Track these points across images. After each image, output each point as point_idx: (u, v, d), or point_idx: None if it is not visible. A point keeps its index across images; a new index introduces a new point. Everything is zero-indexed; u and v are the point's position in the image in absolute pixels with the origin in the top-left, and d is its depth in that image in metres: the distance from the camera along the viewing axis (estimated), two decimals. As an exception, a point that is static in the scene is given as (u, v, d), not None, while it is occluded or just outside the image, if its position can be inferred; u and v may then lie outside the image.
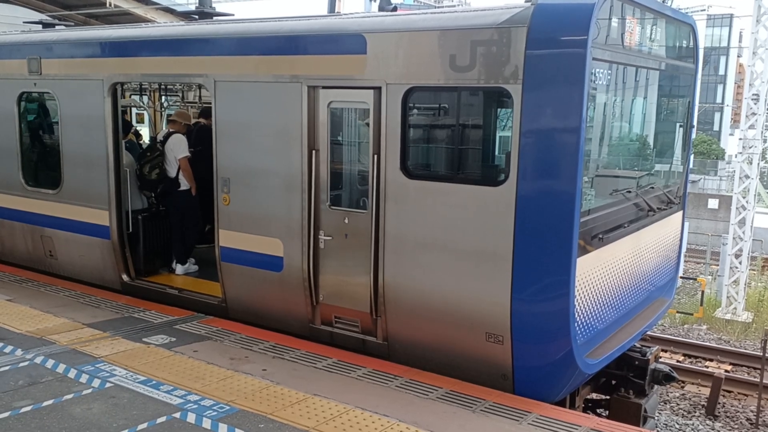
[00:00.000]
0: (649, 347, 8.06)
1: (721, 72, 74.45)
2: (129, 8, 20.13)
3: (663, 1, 7.67)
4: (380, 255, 6.92)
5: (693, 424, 11.15)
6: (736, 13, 65.62)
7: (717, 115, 74.71)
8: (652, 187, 8.17)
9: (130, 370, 6.69)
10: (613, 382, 7.98)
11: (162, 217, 9.81)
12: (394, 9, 7.44)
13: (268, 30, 7.60)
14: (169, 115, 14.16)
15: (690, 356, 14.10)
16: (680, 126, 8.94)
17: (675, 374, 8.09)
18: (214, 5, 10.83)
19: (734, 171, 20.86)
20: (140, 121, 17.08)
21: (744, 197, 19.42)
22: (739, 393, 12.37)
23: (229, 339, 7.63)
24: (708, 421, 11.32)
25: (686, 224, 9.52)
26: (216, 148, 7.99)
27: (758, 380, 11.54)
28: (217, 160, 8.00)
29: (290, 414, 5.82)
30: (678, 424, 11.19)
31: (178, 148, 9.58)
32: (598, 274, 6.70)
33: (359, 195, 7.26)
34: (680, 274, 9.59)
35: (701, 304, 15.40)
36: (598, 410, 8.42)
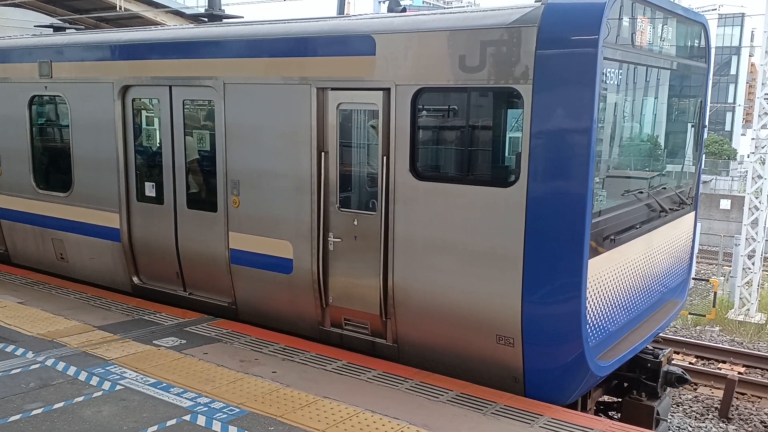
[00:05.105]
0: (662, 349, 7.99)
1: (733, 71, 73.95)
2: (139, 11, 20.25)
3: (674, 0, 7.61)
4: (390, 257, 6.89)
5: (706, 427, 11.06)
6: (747, 12, 65.21)
7: (729, 115, 74.22)
8: (664, 188, 8.11)
9: (140, 372, 6.70)
10: (625, 384, 7.92)
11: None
12: (403, 10, 7.42)
13: (277, 32, 7.60)
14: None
15: (703, 358, 14.01)
16: (692, 126, 8.87)
17: (687, 376, 8.02)
18: (223, 8, 10.85)
19: (746, 171, 20.74)
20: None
21: (757, 197, 19.31)
22: (752, 395, 12.26)
23: (239, 341, 7.63)
24: (721, 424, 11.23)
25: (698, 225, 9.44)
26: (225, 150, 8.00)
27: (772, 382, 11.44)
28: (227, 163, 8.00)
29: (300, 416, 5.81)
30: (691, 426, 11.10)
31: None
32: (610, 275, 6.65)
33: (368, 197, 7.24)
34: (692, 275, 9.51)
35: (714, 306, 15.32)
36: (610, 413, 8.37)
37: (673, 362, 8.53)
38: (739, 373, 12.99)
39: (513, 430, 5.70)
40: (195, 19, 10.18)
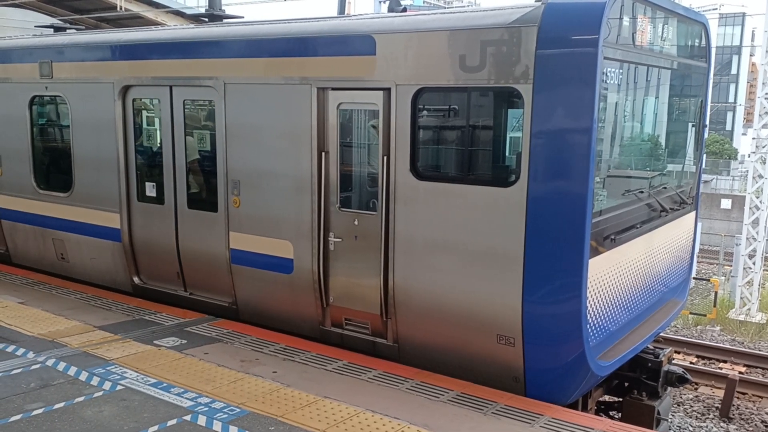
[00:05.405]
0: (662, 349, 7.99)
1: (734, 71, 73.91)
2: (139, 11, 20.26)
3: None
4: (390, 257, 6.89)
5: (707, 427, 11.06)
6: (748, 11, 65.12)
7: (729, 115, 74.18)
8: (665, 188, 8.11)
9: (141, 372, 6.70)
10: (626, 384, 7.92)
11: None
12: (404, 10, 7.42)
13: (278, 32, 7.60)
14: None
15: (703, 358, 14.00)
16: (692, 126, 8.87)
17: (688, 376, 8.02)
18: (223, 8, 10.85)
19: (747, 171, 20.74)
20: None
21: (757, 197, 19.30)
22: (753, 395, 12.26)
23: (239, 341, 7.63)
24: (722, 424, 11.22)
25: (699, 225, 9.43)
26: (226, 150, 8.00)
27: (773, 382, 11.44)
28: (227, 163, 8.01)
29: (301, 416, 5.81)
30: (692, 426, 11.10)
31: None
32: (611, 275, 6.65)
33: (369, 197, 7.24)
34: (693, 274, 9.50)
35: (714, 305, 15.32)
36: (610, 413, 8.36)
37: (673, 362, 8.53)
38: (740, 372, 12.98)
39: (513, 430, 5.70)
40: (195, 19, 10.20)
